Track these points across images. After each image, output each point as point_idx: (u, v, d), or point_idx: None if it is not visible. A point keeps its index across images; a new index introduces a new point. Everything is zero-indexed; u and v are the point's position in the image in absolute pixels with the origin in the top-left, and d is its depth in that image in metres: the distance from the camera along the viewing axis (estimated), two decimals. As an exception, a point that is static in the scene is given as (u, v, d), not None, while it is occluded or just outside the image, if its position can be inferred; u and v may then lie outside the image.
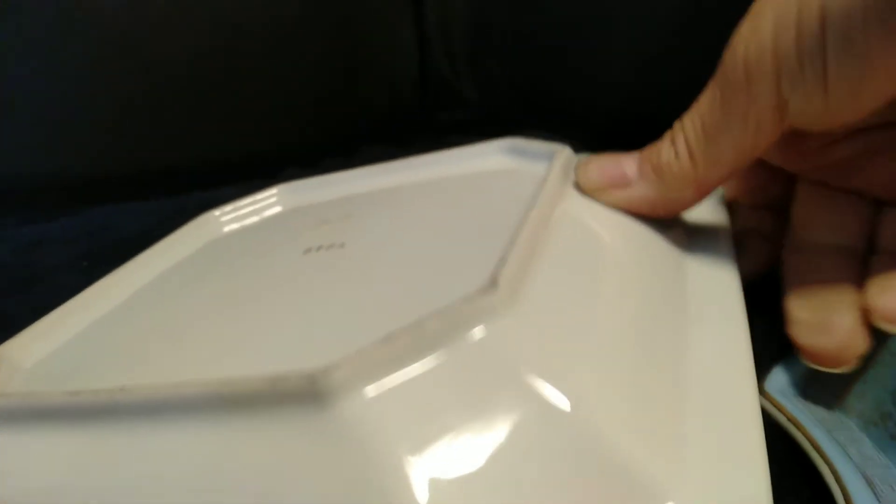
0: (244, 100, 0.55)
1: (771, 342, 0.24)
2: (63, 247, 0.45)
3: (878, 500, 0.19)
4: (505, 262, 0.18)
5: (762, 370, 0.22)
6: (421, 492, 0.14)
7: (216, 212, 0.34)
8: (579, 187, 0.24)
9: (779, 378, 0.24)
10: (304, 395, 0.15)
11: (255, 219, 0.34)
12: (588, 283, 0.19)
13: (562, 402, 0.15)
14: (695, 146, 0.22)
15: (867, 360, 0.22)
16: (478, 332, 0.16)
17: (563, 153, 0.26)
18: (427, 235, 0.24)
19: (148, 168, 0.54)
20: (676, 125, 0.23)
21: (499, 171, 0.29)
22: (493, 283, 0.17)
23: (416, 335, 0.16)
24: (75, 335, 0.26)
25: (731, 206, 0.28)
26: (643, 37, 0.49)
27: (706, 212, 0.27)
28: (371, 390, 0.15)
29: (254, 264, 0.27)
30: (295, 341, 0.19)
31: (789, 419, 0.22)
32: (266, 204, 0.34)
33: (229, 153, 0.56)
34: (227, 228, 0.33)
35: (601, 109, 0.54)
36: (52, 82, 0.49)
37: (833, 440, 0.21)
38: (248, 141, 0.56)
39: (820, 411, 0.23)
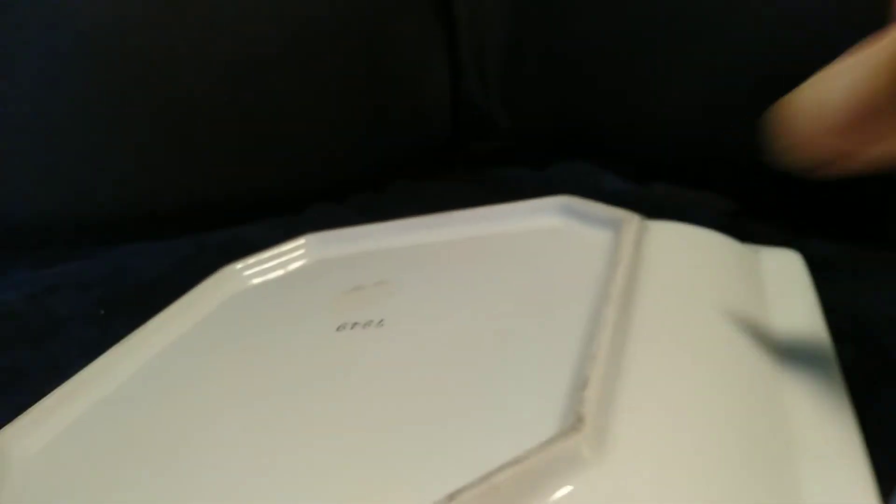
0: (266, 134, 0.52)
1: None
2: (78, 293, 0.43)
3: None
4: (587, 384, 0.15)
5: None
6: None
7: (238, 265, 0.31)
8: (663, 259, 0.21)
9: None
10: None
11: (279, 273, 0.31)
12: (686, 398, 0.16)
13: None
14: None
15: None
16: (563, 493, 0.13)
17: (632, 222, 0.22)
18: (477, 315, 0.21)
19: (165, 206, 0.51)
20: None
21: (552, 234, 0.26)
22: (577, 420, 0.14)
23: (485, 496, 0.12)
24: (81, 417, 0.23)
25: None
26: (682, 65, 0.46)
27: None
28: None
29: (280, 341, 0.24)
30: (326, 463, 0.16)
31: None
32: (291, 257, 0.31)
33: (250, 189, 0.53)
34: (250, 283, 0.30)
35: (637, 139, 0.51)
36: (66, 117, 0.46)
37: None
38: (270, 176, 0.53)
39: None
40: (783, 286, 0.23)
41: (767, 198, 0.44)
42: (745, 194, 0.44)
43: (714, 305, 0.20)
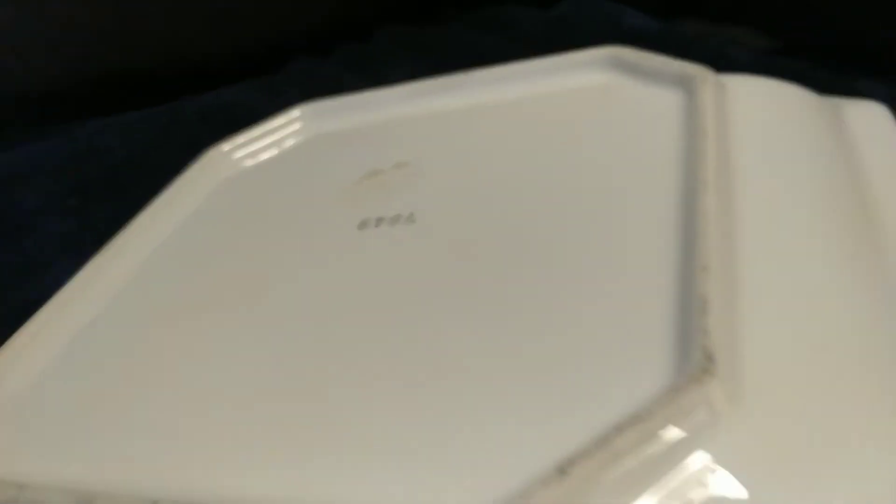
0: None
1: None
2: (46, 180, 0.38)
3: None
4: (706, 306, 0.12)
5: None
6: None
7: (225, 145, 0.27)
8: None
9: None
10: None
11: (274, 152, 0.27)
12: (812, 306, 0.13)
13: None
14: None
15: None
16: (699, 459, 0.10)
17: (707, 81, 0.18)
18: (527, 207, 0.18)
19: (132, 71, 0.45)
20: None
21: (603, 96, 0.22)
22: (706, 359, 0.11)
23: (603, 465, 0.10)
24: (73, 340, 0.19)
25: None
26: None
27: None
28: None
29: (292, 245, 0.20)
30: (376, 412, 0.13)
31: None
32: (286, 133, 0.27)
33: (224, 47, 0.47)
34: (242, 167, 0.26)
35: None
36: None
37: None
38: (245, 31, 0.47)
39: None
40: (874, 145, 0.20)
41: (809, 34, 0.39)
42: (783, 30, 0.39)
43: (814, 177, 0.17)
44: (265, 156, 0.27)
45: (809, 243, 0.14)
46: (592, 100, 0.21)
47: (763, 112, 0.19)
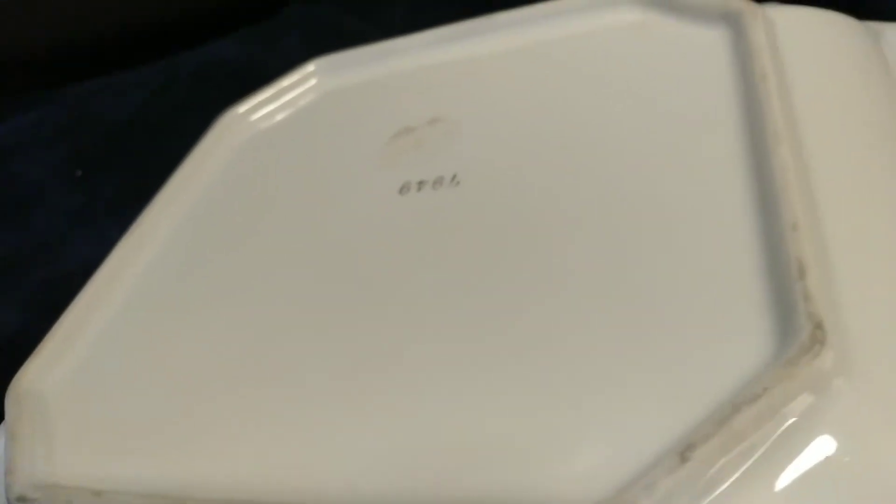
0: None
1: None
2: (44, 151, 0.37)
3: None
4: (804, 269, 0.11)
5: None
6: None
7: (240, 108, 0.26)
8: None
9: None
10: None
11: (290, 111, 0.26)
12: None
13: None
14: None
15: None
16: (816, 433, 0.10)
17: (756, 14, 0.18)
18: (581, 163, 0.17)
19: (119, 28, 0.43)
20: None
21: (641, 35, 0.21)
22: (816, 327, 0.10)
23: (726, 447, 0.10)
24: (110, 333, 0.19)
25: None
26: None
27: None
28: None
29: (328, 214, 0.20)
30: (448, 382, 0.13)
31: None
32: (302, 90, 0.26)
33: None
34: (259, 129, 0.25)
35: None
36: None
37: None
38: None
39: None
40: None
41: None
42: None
43: (873, 114, 0.16)
44: (284, 116, 0.26)
45: (887, 189, 0.14)
46: (630, 40, 0.20)
47: (815, 48, 0.18)
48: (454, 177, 0.18)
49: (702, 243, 0.13)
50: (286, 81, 0.26)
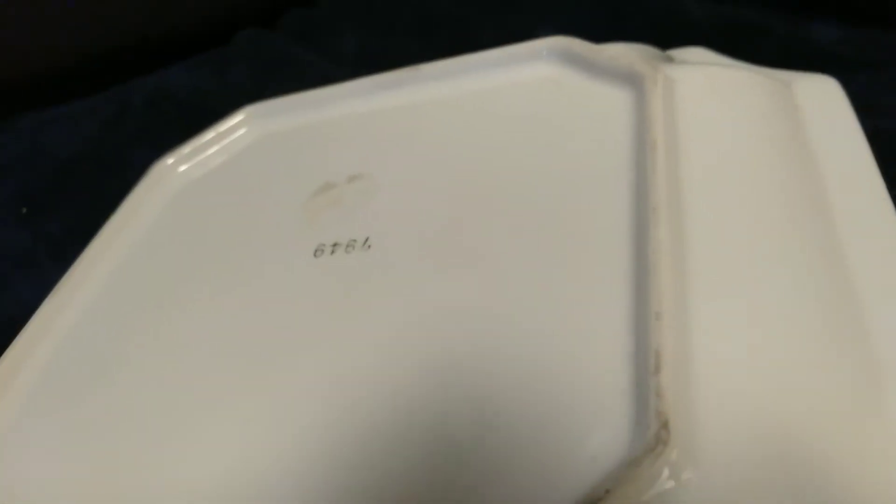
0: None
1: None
2: (-8, 185, 0.37)
3: None
4: (659, 363, 0.12)
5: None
6: None
7: (170, 159, 0.26)
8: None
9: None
10: None
11: (222, 160, 0.26)
12: (769, 350, 0.13)
13: None
14: None
15: None
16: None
17: (656, 80, 0.18)
18: (474, 220, 0.18)
19: (71, 56, 0.43)
20: None
21: (552, 90, 0.21)
22: (662, 427, 0.11)
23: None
24: (32, 389, 0.20)
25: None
26: None
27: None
28: None
29: (246, 268, 0.20)
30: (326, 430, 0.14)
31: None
32: (232, 138, 0.26)
33: (167, 22, 0.45)
34: (190, 178, 0.26)
35: None
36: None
37: None
38: (188, 2, 0.45)
39: None
40: (825, 127, 0.20)
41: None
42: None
43: (768, 180, 0.17)
44: (213, 166, 0.26)
45: (765, 268, 0.14)
46: (542, 96, 0.21)
47: (714, 110, 0.18)
48: (366, 240, 0.19)
49: (573, 323, 0.14)
50: (215, 131, 0.26)
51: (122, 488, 0.16)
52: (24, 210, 0.35)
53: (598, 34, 0.38)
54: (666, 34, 0.36)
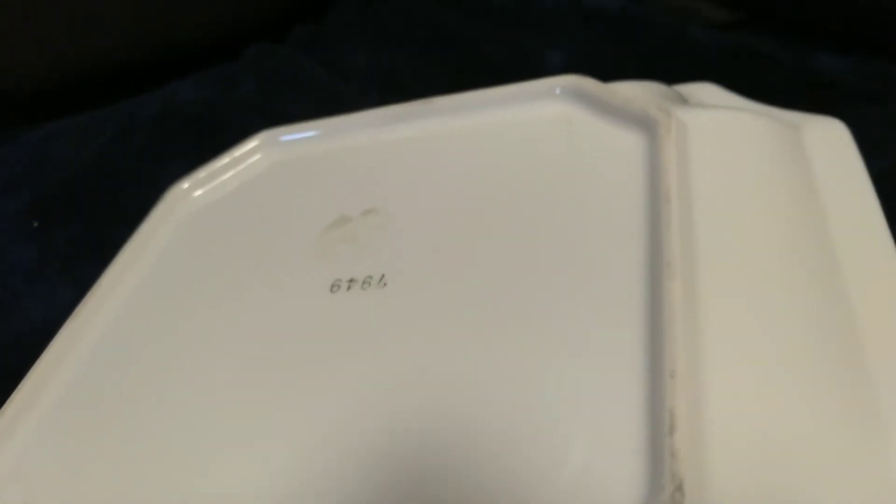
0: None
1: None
2: (4, 198, 0.37)
3: None
4: (674, 423, 0.12)
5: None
6: None
7: (185, 183, 0.26)
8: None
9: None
10: None
11: (236, 185, 0.26)
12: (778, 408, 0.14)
13: None
14: None
15: None
16: None
17: (669, 127, 0.18)
18: (486, 262, 0.18)
19: (81, 69, 0.44)
20: None
21: (564, 129, 0.21)
22: (676, 490, 0.11)
23: None
24: (54, 410, 0.20)
25: None
26: None
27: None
28: None
29: (261, 302, 0.20)
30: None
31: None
32: (247, 165, 0.27)
33: (176, 36, 0.45)
34: (204, 203, 0.26)
35: None
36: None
37: None
38: (197, 17, 0.45)
39: None
40: (833, 173, 0.20)
41: (768, 4, 0.39)
42: (743, 1, 0.39)
43: (779, 228, 0.17)
44: (227, 191, 0.26)
45: (778, 324, 0.15)
46: (554, 135, 0.21)
47: (727, 157, 0.19)
48: (382, 277, 0.19)
49: (586, 382, 0.14)
50: (230, 156, 0.26)
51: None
52: (36, 224, 0.35)
53: (606, 57, 0.39)
54: (673, 61, 0.36)
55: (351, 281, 0.19)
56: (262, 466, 0.16)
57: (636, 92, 0.21)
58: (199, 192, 0.26)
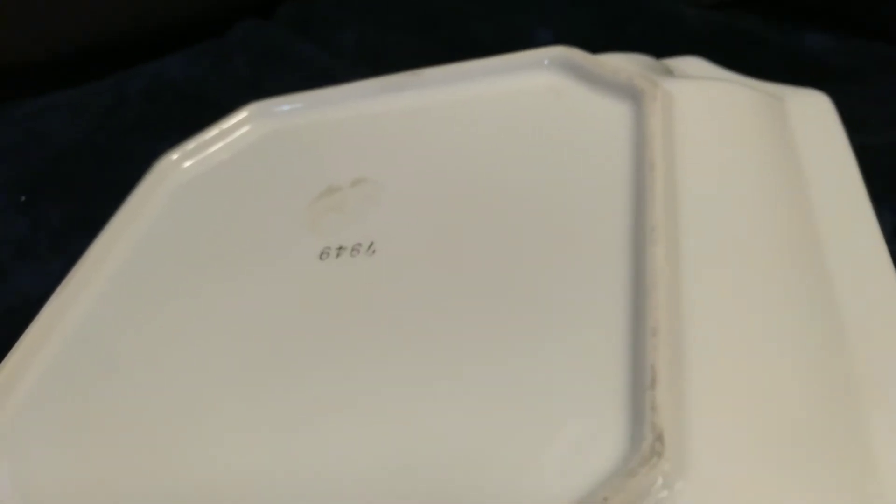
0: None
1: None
2: (-7, 171, 0.37)
3: None
4: (655, 378, 0.12)
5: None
6: None
7: (174, 154, 0.26)
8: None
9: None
10: None
11: (226, 156, 0.26)
12: (760, 375, 0.14)
13: None
14: None
15: None
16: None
17: (655, 96, 0.19)
18: (473, 231, 0.18)
19: (71, 44, 0.43)
20: None
21: (552, 99, 0.22)
22: (657, 439, 0.11)
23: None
24: (40, 384, 0.20)
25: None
26: None
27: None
28: None
29: (251, 270, 0.20)
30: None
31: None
32: (236, 136, 0.27)
33: (165, 12, 0.45)
34: (194, 174, 0.26)
35: None
36: None
37: None
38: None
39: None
40: (816, 144, 0.21)
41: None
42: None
43: (762, 197, 0.18)
44: (216, 163, 0.26)
45: (758, 286, 0.15)
46: (542, 105, 0.21)
47: (711, 127, 0.19)
48: (371, 245, 0.19)
49: (571, 341, 0.14)
50: (219, 128, 0.26)
51: (127, 486, 0.16)
52: (23, 198, 0.35)
53: (596, 36, 0.39)
54: (662, 39, 0.37)
55: (340, 248, 0.20)
56: (256, 436, 0.16)
57: (623, 63, 0.22)
58: (188, 164, 0.26)
